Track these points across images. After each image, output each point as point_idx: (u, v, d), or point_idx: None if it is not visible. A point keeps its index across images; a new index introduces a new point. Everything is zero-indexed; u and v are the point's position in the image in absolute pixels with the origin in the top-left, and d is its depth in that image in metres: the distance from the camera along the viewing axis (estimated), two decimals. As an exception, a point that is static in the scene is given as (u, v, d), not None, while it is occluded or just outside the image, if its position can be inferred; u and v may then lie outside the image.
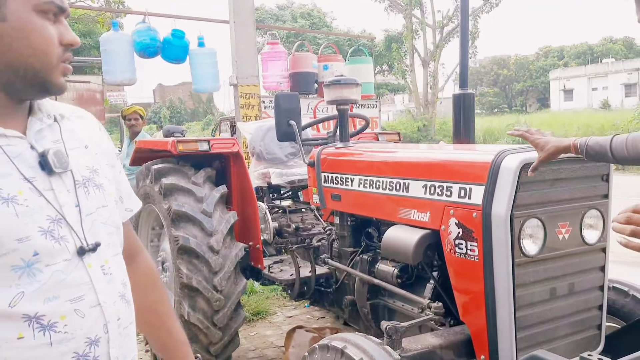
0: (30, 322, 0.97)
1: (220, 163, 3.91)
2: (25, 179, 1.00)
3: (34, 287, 0.98)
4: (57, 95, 1.13)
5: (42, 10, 1.02)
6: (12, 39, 0.99)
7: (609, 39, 56.27)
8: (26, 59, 1.01)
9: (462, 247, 2.19)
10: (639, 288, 2.63)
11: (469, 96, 3.23)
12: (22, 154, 1.02)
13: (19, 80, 1.02)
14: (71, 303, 1.02)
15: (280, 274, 3.73)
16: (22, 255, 0.97)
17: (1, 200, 0.96)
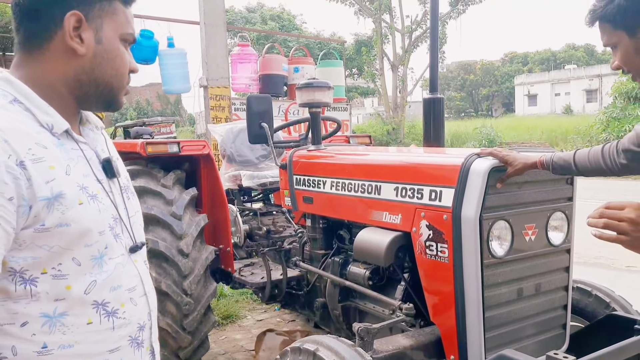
0: (98, 308, 1.12)
1: (191, 165, 3.87)
2: (98, 180, 1.17)
3: (103, 276, 1.13)
4: (115, 111, 1.31)
5: (124, 39, 1.21)
6: (102, 60, 1.17)
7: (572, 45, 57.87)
8: (109, 78, 1.19)
9: (433, 249, 2.22)
10: (602, 288, 2.70)
11: (438, 100, 3.28)
12: (92, 158, 1.19)
13: (97, 94, 1.19)
14: (128, 292, 1.19)
15: (250, 277, 3.71)
16: (99, 247, 1.13)
17: (89, 197, 1.11)
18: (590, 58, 54.59)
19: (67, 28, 1.12)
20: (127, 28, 1.22)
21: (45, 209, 1.03)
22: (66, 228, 1.06)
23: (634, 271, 6.01)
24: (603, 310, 2.59)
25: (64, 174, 1.08)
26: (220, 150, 4.42)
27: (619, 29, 1.41)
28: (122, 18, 1.20)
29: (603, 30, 1.46)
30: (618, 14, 1.39)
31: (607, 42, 1.46)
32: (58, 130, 1.12)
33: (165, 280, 3.24)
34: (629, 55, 1.42)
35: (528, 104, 49.10)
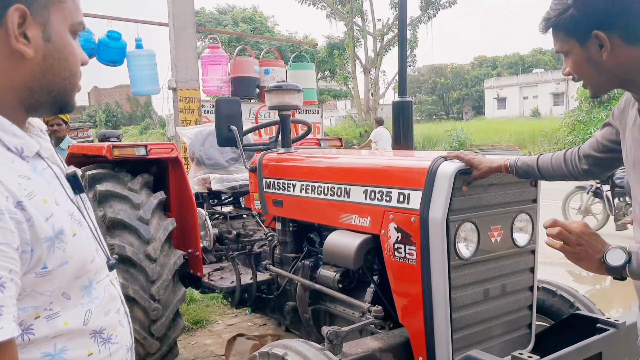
0: (95, 337, 1.03)
1: (159, 168, 3.82)
2: (71, 199, 1.02)
3: (95, 303, 1.03)
4: (69, 112, 1.12)
5: (73, 31, 1.02)
6: (54, 60, 0.98)
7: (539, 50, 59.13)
8: (62, 80, 1.00)
9: (401, 251, 2.24)
10: (566, 288, 2.76)
11: (407, 104, 3.31)
12: (60, 175, 1.03)
13: (50, 100, 1.01)
14: (117, 314, 1.10)
15: (220, 282, 3.68)
16: (90, 276, 1.02)
17: (77, 224, 0.99)
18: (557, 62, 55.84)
19: (10, 27, 0.91)
20: (77, 16, 1.02)
21: (47, 251, 0.90)
22: (65, 267, 0.94)
23: (598, 271, 6.16)
24: (567, 310, 2.64)
25: (55, 205, 0.94)
26: (189, 153, 4.38)
27: (571, 38, 1.44)
28: (70, 5, 1.00)
29: (556, 37, 1.49)
30: (570, 23, 1.41)
31: (560, 49, 1.50)
32: (29, 154, 0.96)
33: (132, 286, 3.18)
34: (579, 63, 1.46)
35: (497, 107, 49.98)
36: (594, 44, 1.39)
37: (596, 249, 1.40)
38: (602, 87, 1.50)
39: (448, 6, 26.09)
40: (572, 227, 1.42)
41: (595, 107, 16.72)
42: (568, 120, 17.99)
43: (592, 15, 1.37)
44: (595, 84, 1.49)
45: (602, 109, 16.34)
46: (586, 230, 1.41)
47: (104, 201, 3.30)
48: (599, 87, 1.50)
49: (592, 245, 1.40)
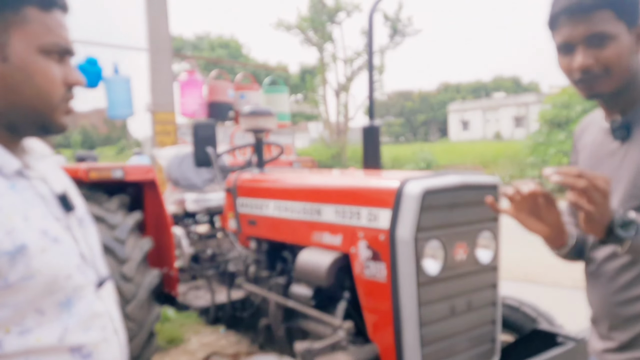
0: (74, 354, 1.01)
1: (135, 188, 3.86)
2: (57, 219, 1.04)
3: (75, 319, 1.02)
4: (58, 134, 1.11)
5: (46, 51, 1.01)
6: (14, 80, 0.98)
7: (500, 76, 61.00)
8: (29, 100, 1.00)
9: (371, 269, 2.30)
10: (529, 304, 2.87)
11: (375, 128, 3.45)
12: (47, 194, 1.05)
13: (22, 120, 1.02)
14: (102, 331, 1.08)
15: (195, 300, 3.71)
16: (66, 292, 1.01)
17: (51, 241, 0.99)
18: (517, 87, 57.63)
19: None
20: (47, 37, 1.01)
21: (6, 264, 0.91)
22: (31, 281, 0.94)
23: (559, 287, 6.36)
24: (530, 325, 2.73)
25: (22, 221, 0.95)
26: (166, 175, 4.42)
27: (621, 20, 1.28)
28: (37, 27, 1.00)
29: (599, 18, 1.28)
30: (629, 4, 1.28)
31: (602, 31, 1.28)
32: (9, 171, 0.98)
33: (107, 305, 3.19)
34: (623, 50, 1.30)
35: (462, 130, 50.96)
36: (635, 33, 1.31)
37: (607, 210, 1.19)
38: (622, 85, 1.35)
39: (414, 34, 26.76)
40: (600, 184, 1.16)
41: (554, 129, 17.21)
42: (529, 142, 18.44)
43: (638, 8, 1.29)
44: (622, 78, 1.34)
45: (560, 131, 16.83)
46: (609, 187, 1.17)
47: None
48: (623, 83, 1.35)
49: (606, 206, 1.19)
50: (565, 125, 16.63)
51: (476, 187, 2.46)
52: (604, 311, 1.46)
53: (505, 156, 21.00)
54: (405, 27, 26.56)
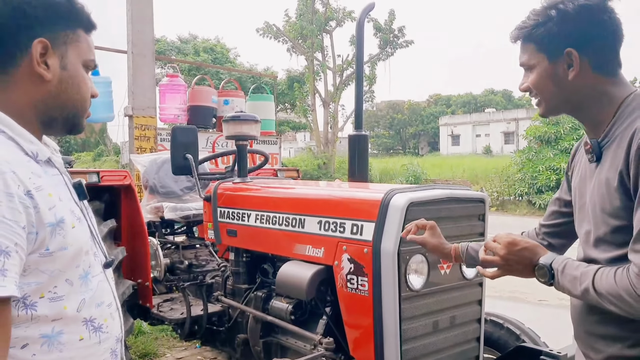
0: (87, 324, 1.19)
1: (111, 196, 3.74)
2: (76, 203, 1.23)
3: (90, 294, 1.20)
4: (78, 134, 1.35)
5: (86, 65, 1.27)
6: (67, 85, 1.22)
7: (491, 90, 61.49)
8: (74, 102, 1.24)
9: (354, 282, 2.25)
10: (513, 321, 2.82)
11: (363, 137, 3.37)
12: (69, 182, 1.25)
13: (62, 118, 1.24)
14: (108, 308, 1.26)
15: (170, 313, 3.59)
16: (84, 266, 1.19)
17: (77, 219, 1.18)
18: (508, 103, 58.14)
19: (34, 54, 1.16)
20: (89, 54, 1.27)
21: (49, 235, 1.08)
22: (65, 251, 1.11)
23: (545, 305, 6.32)
24: (514, 342, 2.70)
25: (59, 200, 1.14)
26: (143, 181, 4.31)
27: (541, 52, 1.45)
28: (84, 45, 1.25)
29: (525, 49, 1.49)
30: (546, 37, 1.42)
31: (526, 62, 1.50)
32: (42, 158, 1.17)
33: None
34: (542, 79, 1.47)
35: (452, 144, 51.34)
36: (562, 62, 1.42)
37: (527, 261, 1.43)
38: (556, 107, 1.51)
39: (405, 45, 26.89)
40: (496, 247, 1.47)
41: (543, 146, 17.36)
42: (518, 158, 18.58)
43: (570, 34, 1.40)
44: (551, 102, 1.50)
45: (550, 149, 16.97)
46: (511, 248, 1.44)
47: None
48: (553, 106, 1.51)
49: (523, 258, 1.43)
50: (555, 142, 16.76)
51: (462, 201, 2.43)
52: (581, 329, 1.52)
53: (494, 171, 21.13)
54: (397, 38, 26.69)
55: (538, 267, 1.41)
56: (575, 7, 1.39)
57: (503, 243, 1.45)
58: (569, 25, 1.40)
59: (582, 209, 1.51)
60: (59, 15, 1.20)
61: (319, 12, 26.05)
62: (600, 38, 1.40)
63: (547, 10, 1.43)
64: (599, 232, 1.40)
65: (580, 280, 1.33)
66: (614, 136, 1.39)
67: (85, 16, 1.25)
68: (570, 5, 1.40)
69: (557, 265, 1.38)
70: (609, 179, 1.36)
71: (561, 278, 1.37)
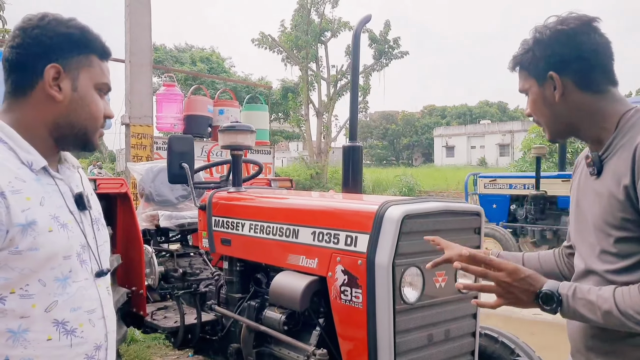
0: (58, 326, 1.24)
1: (107, 203, 3.74)
2: (70, 211, 1.31)
3: (64, 297, 1.25)
4: (90, 152, 1.47)
5: (98, 88, 1.38)
6: (77, 105, 1.33)
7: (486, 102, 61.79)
8: (83, 121, 1.35)
9: (348, 294, 2.25)
10: (508, 335, 2.82)
11: (357, 148, 3.38)
12: (66, 192, 1.33)
13: (72, 135, 1.35)
14: (87, 314, 1.31)
15: (163, 321, 3.57)
16: (63, 270, 1.25)
17: (60, 225, 1.26)
18: (503, 115, 58.47)
19: (47, 78, 1.29)
20: (102, 78, 1.38)
21: (19, 234, 1.17)
22: (35, 252, 1.19)
23: (539, 319, 6.32)
24: (508, 356, 2.69)
25: (38, 205, 1.22)
26: (139, 189, 4.31)
27: (531, 77, 1.52)
28: (97, 70, 1.37)
29: (520, 76, 1.57)
30: (531, 63, 1.50)
31: (522, 88, 1.57)
32: (36, 167, 1.27)
33: (70, 325, 3.06)
34: (536, 103, 1.53)
35: (446, 155, 51.53)
36: (549, 85, 1.48)
37: (529, 292, 1.39)
38: (557, 131, 1.55)
39: (400, 56, 27.04)
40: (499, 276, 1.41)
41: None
42: (512, 170, 18.64)
43: (549, 57, 1.47)
44: (550, 125, 1.55)
45: (545, 161, 17.05)
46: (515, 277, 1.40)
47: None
48: (554, 130, 1.55)
49: (525, 289, 1.39)
50: (550, 155, 16.83)
51: (458, 214, 2.43)
52: (579, 343, 1.51)
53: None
54: (392, 49, 26.82)
55: (543, 294, 1.37)
56: (550, 33, 1.47)
57: (506, 271, 1.41)
58: (547, 50, 1.47)
59: (582, 222, 1.53)
60: (72, 44, 1.32)
61: (314, 23, 26.17)
62: (579, 59, 1.45)
63: (530, 38, 1.52)
64: (603, 244, 1.42)
65: (598, 304, 1.31)
66: (614, 150, 1.42)
67: (99, 45, 1.38)
68: (547, 32, 1.47)
69: (565, 291, 1.36)
70: (611, 192, 1.38)
71: (573, 303, 1.34)
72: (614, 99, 1.47)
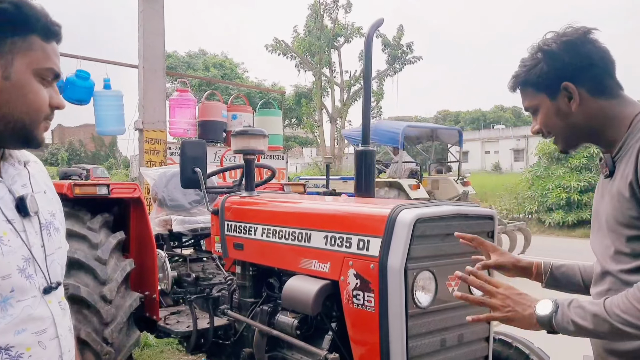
0: (0, 353, 1.08)
1: (120, 208, 3.77)
2: (8, 220, 1.11)
3: (7, 320, 1.08)
4: (35, 148, 1.21)
5: (40, 75, 1.15)
6: (10, 96, 1.11)
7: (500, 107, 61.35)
8: (19, 115, 1.13)
9: (360, 298, 2.24)
10: (522, 340, 2.78)
11: (370, 153, 3.37)
12: (3, 197, 1.13)
13: (8, 131, 1.14)
14: (36, 336, 1.13)
15: (176, 326, 3.59)
16: (2, 291, 1.07)
17: None
18: (518, 119, 58.02)
19: None
20: (45, 63, 1.16)
21: None
22: None
23: (554, 324, 6.23)
24: (522, 362, 2.66)
25: None
26: (152, 194, 4.34)
27: (541, 93, 1.52)
28: (39, 54, 1.15)
29: (525, 94, 1.57)
30: (540, 78, 1.50)
31: (529, 105, 1.57)
32: None
33: (85, 328, 3.08)
34: (549, 117, 1.53)
35: (460, 160, 51.19)
36: (563, 96, 1.49)
37: (526, 305, 1.44)
38: (572, 141, 1.56)
39: (414, 61, 27.01)
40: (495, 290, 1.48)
41: (553, 163, 17.25)
42: (528, 175, 18.47)
43: (561, 69, 1.47)
44: (565, 137, 1.55)
45: (559, 166, 16.87)
46: (511, 291, 1.47)
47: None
48: (569, 140, 1.56)
49: (519, 303, 1.45)
50: (565, 159, 16.66)
51: (471, 218, 2.42)
52: (601, 347, 1.51)
53: (503, 189, 20.98)
54: (405, 54, 26.80)
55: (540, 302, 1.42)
56: (558, 45, 1.48)
57: (502, 285, 1.48)
58: (558, 62, 1.48)
59: (598, 224, 1.54)
60: (3, 23, 1.10)
61: (327, 28, 26.26)
62: (590, 67, 1.46)
63: (534, 54, 1.52)
64: (617, 244, 1.43)
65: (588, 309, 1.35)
66: (626, 150, 1.43)
67: (41, 22, 1.14)
68: (554, 44, 1.49)
69: (562, 301, 1.40)
70: (620, 191, 1.40)
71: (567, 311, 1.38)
72: (626, 102, 1.49)
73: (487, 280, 1.52)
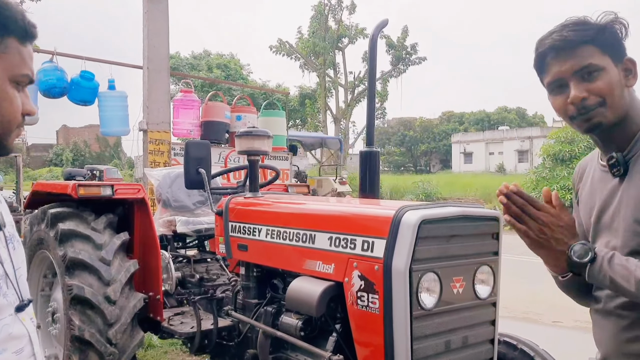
0: None
1: (124, 209, 3.77)
2: None
3: None
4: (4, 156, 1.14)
5: (16, 81, 1.06)
6: None
7: (504, 108, 61.24)
8: None
9: (364, 300, 2.23)
10: (527, 342, 2.77)
11: (374, 154, 3.36)
12: None
13: None
14: (16, 355, 1.07)
15: (180, 327, 3.58)
16: None
17: None
18: (522, 120, 57.92)
19: None
20: (21, 69, 1.08)
21: None
22: None
23: (559, 327, 6.22)
24: (527, 364, 2.65)
25: None
26: (156, 195, 4.34)
27: (606, 54, 1.41)
28: (14, 58, 1.06)
29: (585, 51, 1.41)
30: (607, 40, 1.41)
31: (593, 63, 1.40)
32: None
33: (89, 329, 3.08)
34: (612, 82, 1.41)
35: (464, 162, 51.14)
36: (621, 68, 1.43)
37: (562, 241, 1.38)
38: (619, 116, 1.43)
39: (418, 62, 27.00)
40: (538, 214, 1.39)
41: (557, 165, 17.21)
42: (532, 176, 18.43)
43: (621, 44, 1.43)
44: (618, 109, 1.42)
45: (564, 167, 16.83)
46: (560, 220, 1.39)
47: (65, 240, 3.23)
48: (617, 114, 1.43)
49: (555, 237, 1.38)
50: (569, 161, 16.60)
51: (476, 219, 2.40)
52: (613, 350, 1.46)
53: (508, 190, 20.91)
54: (410, 55, 26.79)
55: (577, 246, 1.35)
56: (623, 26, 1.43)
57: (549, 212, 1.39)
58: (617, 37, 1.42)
59: (602, 224, 1.49)
60: None
61: (331, 29, 26.27)
62: None
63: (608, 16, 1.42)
64: (632, 244, 1.38)
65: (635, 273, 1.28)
66: None
67: (18, 24, 1.06)
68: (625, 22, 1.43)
69: (603, 253, 1.34)
70: None
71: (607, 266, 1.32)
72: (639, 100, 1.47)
73: (531, 201, 1.41)
